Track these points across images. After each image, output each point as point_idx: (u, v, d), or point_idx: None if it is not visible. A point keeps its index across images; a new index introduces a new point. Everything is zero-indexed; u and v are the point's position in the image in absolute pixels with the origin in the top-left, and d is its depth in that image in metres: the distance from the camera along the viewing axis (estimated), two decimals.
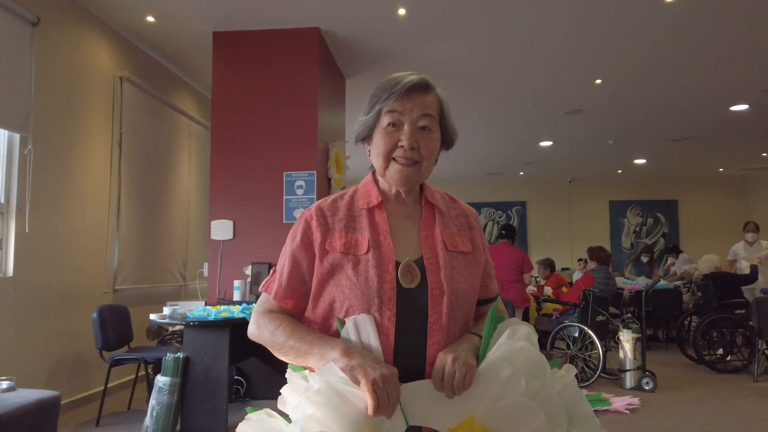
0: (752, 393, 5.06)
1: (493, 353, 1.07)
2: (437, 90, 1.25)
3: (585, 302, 5.60)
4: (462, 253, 1.21)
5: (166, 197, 6.14)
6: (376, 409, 0.98)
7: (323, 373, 1.03)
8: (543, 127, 8.60)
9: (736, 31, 5.22)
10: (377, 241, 1.16)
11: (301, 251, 1.19)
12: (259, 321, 1.20)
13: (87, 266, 4.80)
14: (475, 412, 1.03)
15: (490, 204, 13.42)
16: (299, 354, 1.12)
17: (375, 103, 1.22)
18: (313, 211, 1.22)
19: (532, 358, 1.07)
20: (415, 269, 1.14)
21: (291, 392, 1.10)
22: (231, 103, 5.11)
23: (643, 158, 10.95)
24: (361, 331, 1.08)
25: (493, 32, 5.25)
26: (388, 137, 1.19)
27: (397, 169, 1.19)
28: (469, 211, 1.31)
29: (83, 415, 4.39)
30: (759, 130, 8.73)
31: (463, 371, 1.03)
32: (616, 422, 4.19)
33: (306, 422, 0.99)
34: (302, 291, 1.19)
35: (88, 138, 4.85)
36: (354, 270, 1.13)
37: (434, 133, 1.21)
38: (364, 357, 1.03)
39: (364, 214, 1.21)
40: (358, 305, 1.10)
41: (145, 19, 4.97)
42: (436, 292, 1.12)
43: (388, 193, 1.24)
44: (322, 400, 0.99)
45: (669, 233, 13.08)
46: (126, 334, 4.54)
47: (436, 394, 1.04)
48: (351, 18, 4.92)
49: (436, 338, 1.10)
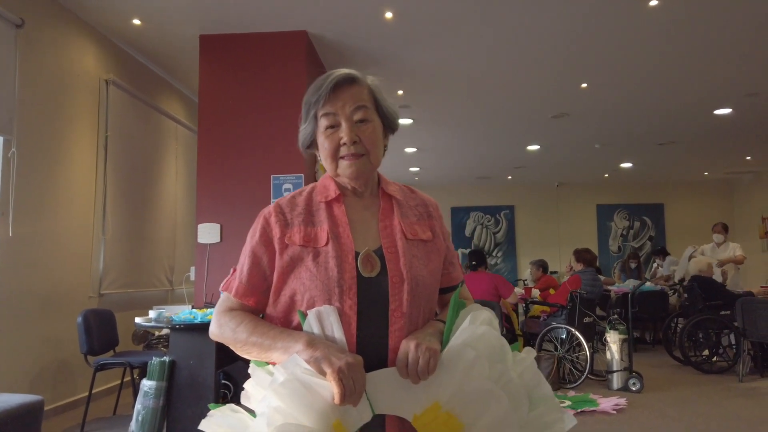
0: (738, 393, 5.11)
1: (456, 338, 1.08)
2: (366, 79, 1.26)
3: (572, 304, 5.63)
4: (422, 241, 1.22)
5: (152, 201, 6.10)
6: (343, 397, 0.98)
7: (288, 365, 1.03)
8: (530, 131, 8.65)
9: (718, 36, 5.30)
10: (336, 233, 1.17)
11: (260, 247, 1.20)
12: (221, 320, 1.20)
13: (72, 271, 4.76)
14: (440, 398, 1.04)
15: (479, 208, 13.47)
16: (262, 349, 1.12)
17: (309, 110, 1.24)
18: (272, 208, 1.24)
19: (493, 343, 1.08)
20: (375, 258, 1.16)
21: (255, 386, 1.09)
22: (218, 107, 5.09)
23: (630, 162, 11.05)
24: (324, 322, 1.09)
25: (479, 37, 5.29)
26: (330, 139, 1.20)
27: (346, 165, 1.21)
28: (429, 201, 1.33)
29: (68, 421, 4.33)
30: (742, 134, 8.85)
31: (427, 356, 1.04)
32: (603, 422, 4.21)
33: (272, 415, 0.98)
34: (263, 287, 1.20)
35: (74, 141, 4.81)
36: (314, 262, 1.14)
37: (373, 123, 1.23)
38: (329, 347, 1.04)
39: (323, 208, 1.22)
40: (319, 296, 1.11)
41: (131, 21, 4.95)
42: (396, 280, 1.14)
43: (346, 189, 1.26)
44: (287, 392, 0.99)
45: (655, 236, 13.20)
46: (111, 338, 4.50)
47: (401, 382, 1.05)
48: (338, 21, 4.93)
49: (397, 325, 1.11)
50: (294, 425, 0.98)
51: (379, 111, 1.26)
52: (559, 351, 5.56)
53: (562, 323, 5.64)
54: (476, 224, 13.49)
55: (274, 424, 0.98)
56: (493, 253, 13.35)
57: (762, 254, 11.78)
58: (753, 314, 5.55)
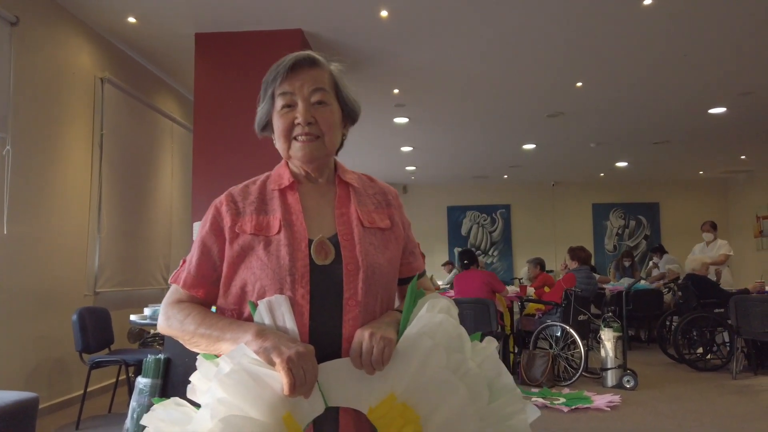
0: (731, 390, 5.14)
1: (412, 327, 1.05)
2: (328, 64, 1.23)
3: (567, 302, 5.65)
4: (379, 229, 1.19)
5: (148, 199, 6.10)
6: (292, 388, 0.95)
7: (234, 355, 0.99)
8: (526, 130, 8.67)
9: (712, 35, 5.32)
10: (289, 221, 1.14)
11: (210, 237, 1.16)
12: (168, 312, 1.15)
13: (67, 269, 4.76)
14: (395, 389, 1.00)
15: (475, 207, 13.49)
16: (211, 341, 1.07)
17: (266, 89, 1.20)
18: (223, 197, 1.20)
19: (451, 332, 1.05)
20: (329, 246, 1.12)
21: (201, 379, 1.05)
22: (213, 105, 5.10)
23: (625, 161, 11.08)
24: (275, 312, 1.05)
25: (475, 36, 5.30)
26: (285, 118, 1.17)
27: (299, 147, 1.17)
28: (388, 189, 1.29)
29: (63, 419, 4.34)
30: (737, 133, 8.88)
31: (381, 346, 1.00)
32: (597, 419, 4.23)
33: (215, 406, 0.94)
34: (213, 278, 1.16)
35: (69, 139, 4.81)
36: (265, 251, 1.10)
37: (331, 106, 1.19)
38: (279, 337, 1.00)
39: (276, 196, 1.18)
40: (270, 285, 1.07)
41: (126, 20, 4.95)
42: (351, 267, 1.10)
43: (299, 175, 1.22)
44: (233, 383, 0.95)
45: (651, 235, 13.24)
46: (106, 336, 4.50)
47: (355, 373, 1.01)
48: (334, 20, 4.94)
49: (352, 314, 1.07)
50: (240, 417, 0.94)
51: (339, 97, 1.21)
52: (554, 349, 5.58)
53: (557, 321, 5.67)
54: (472, 223, 13.51)
55: (218, 416, 0.93)
56: (489, 252, 13.37)
57: (756, 253, 11.84)
58: (746, 312, 5.59)
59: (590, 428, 4.02)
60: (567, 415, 4.37)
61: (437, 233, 13.39)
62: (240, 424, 0.93)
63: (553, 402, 4.65)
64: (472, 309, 5.42)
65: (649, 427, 4.04)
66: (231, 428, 0.93)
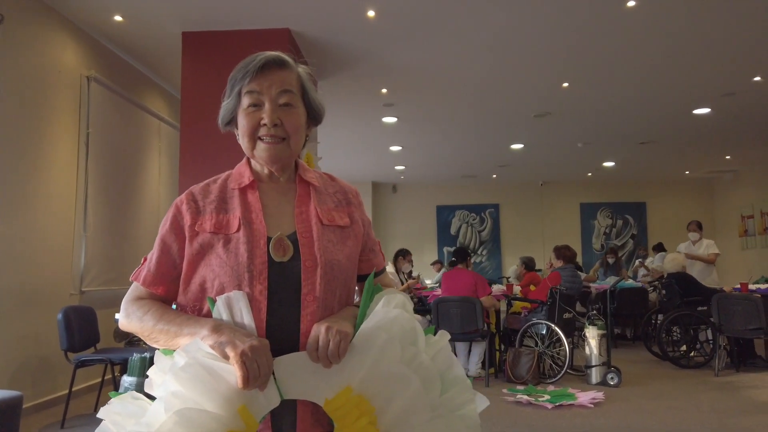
0: (713, 387, 5.21)
1: (368, 321, 1.08)
2: (296, 66, 1.25)
3: (552, 300, 5.71)
4: (339, 227, 1.22)
5: (135, 198, 6.08)
6: (246, 381, 0.96)
7: (189, 349, 1.01)
8: (514, 130, 8.73)
9: (695, 37, 5.40)
10: (249, 219, 1.16)
11: (170, 235, 1.18)
12: (128, 309, 1.17)
13: (52, 268, 4.74)
14: (351, 381, 1.03)
15: (464, 206, 13.55)
16: (169, 337, 1.09)
17: (233, 85, 1.22)
18: (184, 196, 1.22)
19: (406, 326, 1.08)
20: (287, 243, 1.14)
21: (157, 372, 1.06)
22: (201, 104, 5.09)
23: (612, 161, 11.18)
24: (233, 308, 1.07)
25: (462, 36, 5.34)
26: (250, 117, 1.19)
27: (264, 148, 1.19)
28: (348, 188, 1.32)
29: (48, 418, 4.32)
30: (721, 134, 9.00)
31: (337, 339, 1.03)
32: (581, 416, 4.28)
33: (169, 399, 0.95)
34: (173, 275, 1.18)
35: (54, 138, 4.79)
36: (224, 248, 1.12)
37: (297, 109, 1.21)
38: (234, 332, 1.02)
39: (236, 195, 1.21)
40: (229, 282, 1.10)
41: (112, 18, 4.94)
42: (309, 264, 1.13)
43: (261, 174, 1.25)
44: (188, 376, 0.96)
45: (638, 235, 13.37)
46: (92, 335, 4.49)
47: (312, 366, 1.04)
48: (321, 19, 4.96)
49: (309, 309, 1.10)
50: (194, 410, 0.95)
51: (305, 99, 1.24)
52: (540, 346, 5.63)
53: (542, 319, 5.72)
54: (462, 222, 13.57)
55: (172, 408, 0.94)
56: (478, 251, 13.44)
57: (741, 252, 11.99)
58: (728, 310, 5.66)
59: (574, 425, 4.07)
60: (551, 411, 4.41)
61: (426, 232, 13.43)
62: (194, 417, 0.94)
63: (538, 399, 4.69)
64: (459, 307, 5.46)
65: (632, 423, 4.10)
66: (185, 421, 0.94)
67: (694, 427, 3.98)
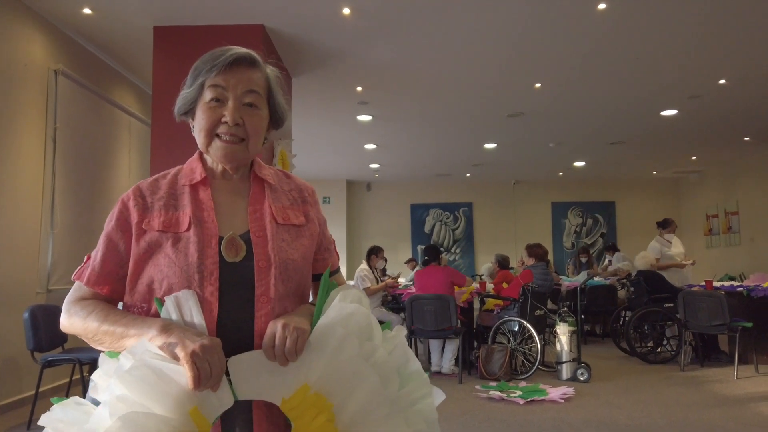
0: (678, 381, 5.35)
1: (324, 317, 1.06)
2: (265, 67, 1.21)
3: (524, 297, 5.79)
4: (294, 225, 1.19)
5: (105, 195, 5.96)
6: (197, 381, 0.92)
7: (135, 351, 0.97)
8: (487, 130, 8.82)
9: (664, 40, 5.52)
10: (200, 218, 1.12)
11: (116, 233, 1.13)
12: (71, 309, 1.12)
13: (18, 266, 4.62)
14: (309, 379, 1.01)
15: (437, 205, 13.63)
16: (115, 338, 1.04)
17: (197, 76, 1.17)
18: (131, 191, 1.17)
19: (362, 321, 1.07)
20: (240, 243, 1.11)
21: (102, 376, 1.01)
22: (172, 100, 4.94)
23: (583, 161, 11.38)
24: (183, 307, 1.03)
25: (436, 35, 5.37)
26: (211, 112, 1.14)
27: (221, 146, 1.15)
28: (304, 186, 1.29)
29: (13, 419, 4.22)
30: (688, 135, 9.23)
31: (294, 336, 1.00)
32: (552, 410, 4.36)
33: (114, 404, 0.91)
34: (119, 275, 1.13)
35: (20, 133, 4.67)
36: (173, 248, 1.08)
37: (261, 110, 1.18)
38: (184, 332, 0.98)
39: (187, 191, 1.16)
40: (178, 283, 1.05)
41: (81, 10, 4.83)
42: (263, 264, 1.10)
43: (215, 170, 1.21)
44: (134, 379, 0.92)
45: (607, 233, 13.64)
46: (59, 335, 4.38)
47: (267, 365, 1.00)
48: (295, 16, 4.93)
49: (264, 310, 1.07)
50: (141, 414, 0.90)
51: (270, 102, 1.21)
52: (512, 343, 5.71)
53: (514, 316, 5.80)
54: (435, 221, 13.65)
55: (117, 413, 0.90)
56: (451, 250, 13.54)
57: (707, 250, 12.32)
58: (694, 306, 5.82)
59: (545, 419, 4.14)
60: (523, 407, 4.48)
61: (400, 231, 13.47)
62: (141, 421, 0.90)
63: (510, 395, 4.76)
64: (433, 305, 5.49)
65: (601, 417, 4.19)
66: (131, 425, 0.90)
67: (661, 420, 4.08)
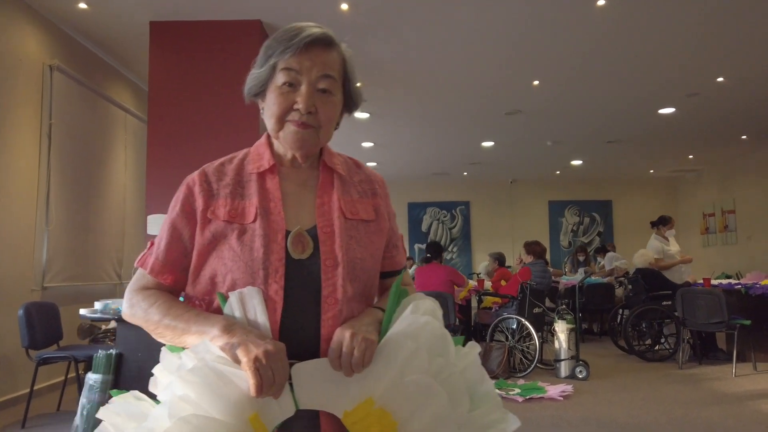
0: (676, 379, 5.34)
1: (395, 328, 0.99)
2: (341, 47, 1.13)
3: (522, 295, 5.77)
4: (363, 221, 1.12)
5: (100, 192, 5.92)
6: (259, 388, 0.89)
7: (198, 350, 0.93)
8: (485, 128, 8.79)
9: (662, 37, 5.51)
10: (266, 209, 1.06)
11: (181, 220, 1.08)
12: (133, 299, 1.08)
13: (13, 263, 4.57)
14: (374, 393, 0.95)
15: (435, 204, 13.62)
16: (176, 333, 1.01)
17: (270, 56, 1.09)
18: (196, 175, 1.11)
19: (436, 334, 1.00)
20: (307, 239, 1.05)
21: (163, 372, 0.98)
22: (169, 96, 4.98)
23: (580, 160, 11.37)
24: (247, 305, 0.99)
25: (434, 32, 5.34)
26: (283, 98, 1.07)
27: (293, 131, 1.08)
28: (375, 177, 1.21)
29: (8, 418, 4.18)
30: (685, 134, 9.23)
31: (363, 347, 0.95)
32: (551, 408, 4.34)
33: (176, 404, 0.88)
34: (183, 264, 1.08)
35: (14, 129, 4.62)
36: (238, 240, 1.03)
37: (335, 97, 1.11)
38: (248, 333, 0.94)
39: (254, 179, 1.10)
40: (242, 278, 1.01)
41: (76, 5, 4.79)
42: (330, 263, 1.04)
43: (283, 157, 1.14)
44: (197, 380, 0.89)
45: (604, 232, 13.64)
46: (55, 332, 4.35)
47: (332, 374, 0.96)
48: (293, 11, 4.89)
49: (331, 313, 1.01)
50: (201, 417, 0.88)
51: (345, 86, 1.14)
52: (510, 341, 5.69)
53: (512, 314, 5.78)
54: (433, 219, 13.63)
55: (177, 414, 0.87)
56: (449, 248, 13.52)
57: (703, 249, 12.34)
58: (692, 304, 5.81)
59: (544, 417, 4.12)
60: (522, 404, 4.46)
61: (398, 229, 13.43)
62: (201, 425, 0.87)
63: (509, 393, 4.74)
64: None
65: (599, 414, 4.17)
66: (190, 428, 0.87)
67: (659, 417, 4.07)
